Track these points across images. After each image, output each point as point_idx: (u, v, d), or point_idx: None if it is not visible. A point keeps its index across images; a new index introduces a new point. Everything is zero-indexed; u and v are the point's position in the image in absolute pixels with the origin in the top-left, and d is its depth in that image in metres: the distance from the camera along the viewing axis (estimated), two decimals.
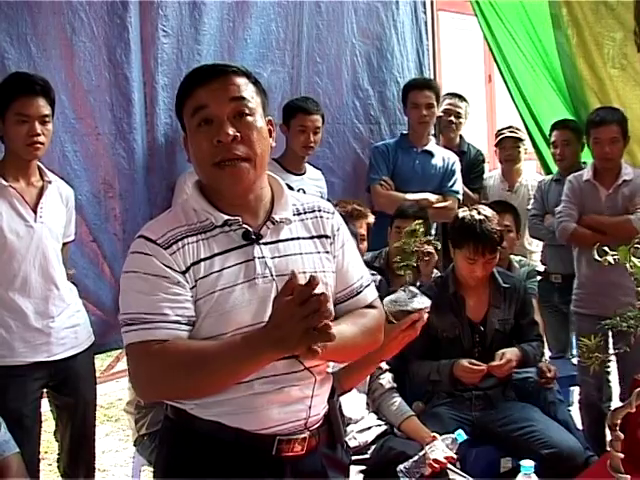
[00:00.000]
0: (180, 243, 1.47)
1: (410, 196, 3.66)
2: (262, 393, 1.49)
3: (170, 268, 1.46)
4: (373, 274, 2.68)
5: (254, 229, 1.53)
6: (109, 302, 2.95)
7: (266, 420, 1.50)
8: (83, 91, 2.86)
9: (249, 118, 1.51)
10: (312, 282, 1.31)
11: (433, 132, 4.19)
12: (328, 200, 1.95)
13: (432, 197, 3.76)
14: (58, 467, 2.89)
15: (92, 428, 2.87)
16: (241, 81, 1.54)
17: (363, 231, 3.11)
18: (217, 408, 1.50)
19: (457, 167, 3.94)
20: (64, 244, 2.71)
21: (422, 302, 2.07)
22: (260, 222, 1.55)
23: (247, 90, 1.53)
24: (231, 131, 1.47)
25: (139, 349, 1.44)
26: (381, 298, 1.83)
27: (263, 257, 1.52)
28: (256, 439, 1.50)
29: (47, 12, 2.73)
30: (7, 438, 2.07)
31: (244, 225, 1.52)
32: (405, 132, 3.93)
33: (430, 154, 3.88)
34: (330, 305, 1.35)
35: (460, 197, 3.92)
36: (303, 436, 1.55)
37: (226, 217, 1.52)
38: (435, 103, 3.80)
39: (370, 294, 1.69)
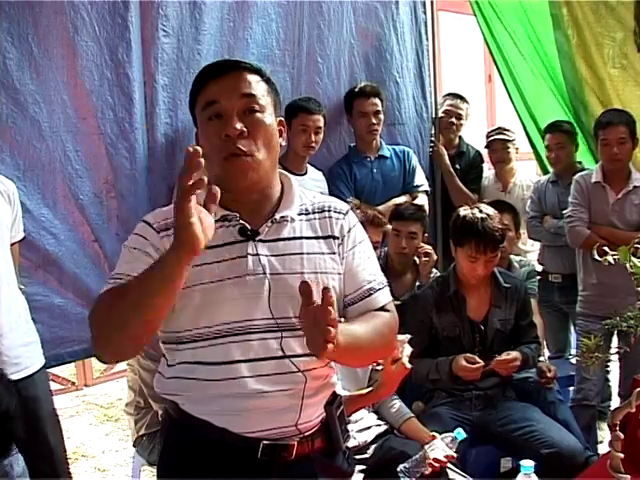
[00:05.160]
0: (173, 230, 1.48)
1: (379, 208, 3.42)
2: (248, 396, 1.48)
3: (157, 249, 1.49)
4: None
5: (253, 226, 1.53)
6: None
7: (251, 424, 1.50)
8: (85, 91, 2.84)
9: (258, 115, 1.52)
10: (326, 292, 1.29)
11: (440, 132, 4.21)
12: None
13: (399, 201, 3.64)
14: None
15: (60, 455, 2.65)
16: (253, 78, 1.55)
17: (378, 238, 3.10)
18: (204, 406, 1.51)
19: (413, 158, 3.87)
20: (12, 244, 2.56)
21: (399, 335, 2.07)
22: (262, 220, 1.55)
23: (258, 88, 1.55)
24: (238, 126, 1.48)
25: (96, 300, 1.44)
26: None
27: (257, 254, 1.51)
28: (242, 441, 1.50)
29: (49, 12, 2.72)
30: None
31: (241, 221, 1.52)
32: (353, 144, 3.83)
33: (385, 158, 3.80)
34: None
35: (427, 189, 3.88)
36: (291, 443, 1.53)
37: (225, 212, 1.52)
38: (382, 109, 3.71)
39: (383, 297, 1.64)
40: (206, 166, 1.55)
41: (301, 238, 1.57)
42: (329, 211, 1.63)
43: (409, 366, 2.15)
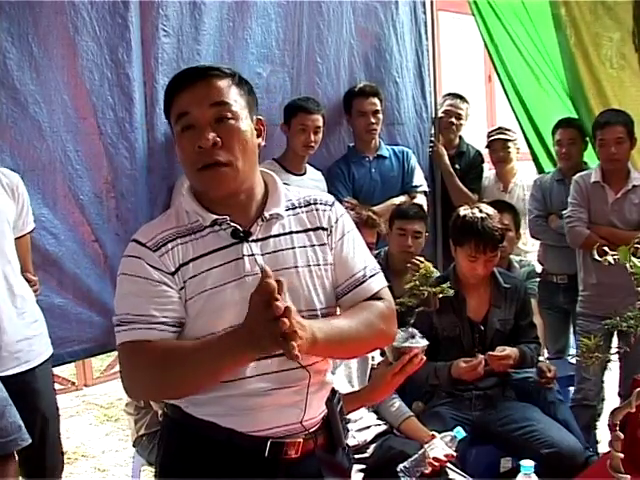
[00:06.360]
0: (170, 245, 1.50)
1: (376, 208, 3.43)
2: (254, 395, 1.49)
3: (158, 270, 1.48)
4: None
5: (244, 227, 1.53)
6: (111, 302, 2.92)
7: (258, 422, 1.50)
8: (85, 91, 2.85)
9: (231, 122, 1.51)
10: (279, 284, 1.34)
11: (439, 132, 4.21)
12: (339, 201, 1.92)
13: (397, 201, 3.65)
14: None
15: (55, 449, 2.65)
16: (223, 84, 1.53)
17: (373, 239, 3.08)
18: (210, 408, 1.51)
19: (412, 159, 3.87)
20: (22, 236, 2.58)
21: (419, 343, 2.06)
22: (251, 219, 1.55)
23: (229, 93, 1.52)
24: (211, 136, 1.47)
25: (126, 349, 1.47)
26: None
27: (253, 254, 1.52)
28: (248, 440, 1.50)
29: (49, 12, 2.72)
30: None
31: (232, 224, 1.52)
32: (352, 144, 3.84)
33: (383, 158, 3.81)
34: (295, 314, 1.35)
35: (426, 189, 3.88)
36: (298, 440, 1.54)
37: (215, 217, 1.52)
38: (381, 109, 3.72)
39: (376, 284, 1.63)
40: (186, 175, 1.57)
41: (291, 233, 1.58)
42: (315, 204, 1.63)
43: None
